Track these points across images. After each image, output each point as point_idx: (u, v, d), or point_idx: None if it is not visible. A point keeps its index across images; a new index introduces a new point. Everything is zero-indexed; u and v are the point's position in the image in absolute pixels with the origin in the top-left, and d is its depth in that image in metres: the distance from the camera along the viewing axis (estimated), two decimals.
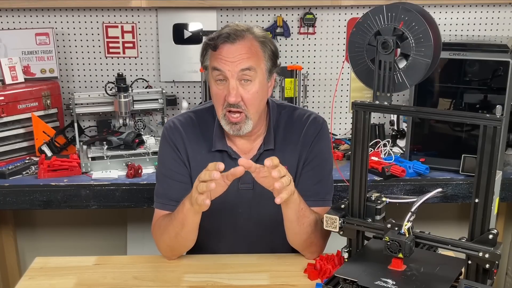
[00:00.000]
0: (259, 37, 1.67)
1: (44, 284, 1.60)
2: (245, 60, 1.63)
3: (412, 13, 1.31)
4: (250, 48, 1.64)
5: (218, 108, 1.69)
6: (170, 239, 1.68)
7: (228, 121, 1.67)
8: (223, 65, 1.63)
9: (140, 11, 2.82)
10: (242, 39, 1.64)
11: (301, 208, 1.62)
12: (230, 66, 1.62)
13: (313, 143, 1.75)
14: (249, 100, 1.65)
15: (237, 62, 1.62)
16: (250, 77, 1.64)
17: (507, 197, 2.41)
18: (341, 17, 2.86)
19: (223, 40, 1.63)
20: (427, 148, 2.52)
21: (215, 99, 1.69)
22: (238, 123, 1.66)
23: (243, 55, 1.63)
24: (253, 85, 1.65)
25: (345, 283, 1.32)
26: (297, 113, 1.80)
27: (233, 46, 1.63)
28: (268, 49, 1.68)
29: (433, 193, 1.35)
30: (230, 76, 1.63)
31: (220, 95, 1.66)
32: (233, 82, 1.63)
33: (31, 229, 3.10)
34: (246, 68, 1.63)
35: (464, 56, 2.36)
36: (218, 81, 1.66)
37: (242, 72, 1.63)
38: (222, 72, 1.63)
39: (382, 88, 1.37)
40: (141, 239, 2.91)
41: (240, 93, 1.64)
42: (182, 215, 1.61)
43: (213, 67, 1.65)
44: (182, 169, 1.75)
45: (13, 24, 2.80)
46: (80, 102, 2.69)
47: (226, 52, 1.63)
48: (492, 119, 1.24)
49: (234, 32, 1.64)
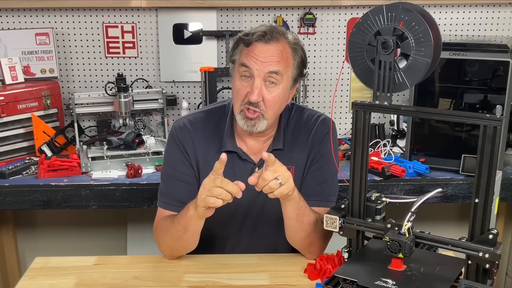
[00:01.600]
0: (292, 42, 1.67)
1: (44, 284, 1.60)
2: (275, 63, 1.63)
3: (412, 13, 1.31)
4: (282, 52, 1.64)
5: (237, 102, 1.68)
6: (172, 241, 1.68)
7: (244, 115, 1.67)
8: (252, 63, 1.62)
9: (140, 11, 2.82)
10: (277, 41, 1.64)
11: (300, 206, 1.62)
12: (259, 66, 1.62)
13: (321, 144, 1.76)
14: (269, 102, 1.65)
15: (267, 63, 1.62)
16: (276, 81, 1.65)
17: (507, 197, 2.41)
18: (341, 17, 2.86)
19: (258, 38, 1.63)
20: (427, 148, 2.52)
21: (236, 93, 1.68)
22: (254, 119, 1.66)
23: (274, 57, 1.63)
24: (276, 88, 1.65)
25: (345, 283, 1.32)
26: (306, 114, 1.81)
27: (266, 46, 1.63)
28: (298, 56, 1.69)
29: (433, 193, 1.35)
30: (256, 75, 1.63)
31: (242, 91, 1.66)
32: (258, 82, 1.63)
33: (31, 229, 3.10)
34: (274, 71, 1.63)
35: (464, 56, 2.36)
36: (243, 77, 1.65)
37: (269, 74, 1.63)
38: (250, 69, 1.63)
39: (382, 88, 1.37)
40: (141, 239, 2.91)
41: (262, 93, 1.64)
42: (185, 220, 1.61)
43: (241, 63, 1.65)
44: (189, 170, 1.76)
45: (13, 24, 2.80)
46: (80, 102, 2.68)
47: (259, 51, 1.63)
48: (492, 119, 1.24)
49: (270, 32, 1.63)
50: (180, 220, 1.63)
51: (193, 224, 1.61)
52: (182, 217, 1.62)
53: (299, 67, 1.70)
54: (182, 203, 1.68)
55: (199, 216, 1.57)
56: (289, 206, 1.61)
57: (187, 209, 1.60)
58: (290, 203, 1.60)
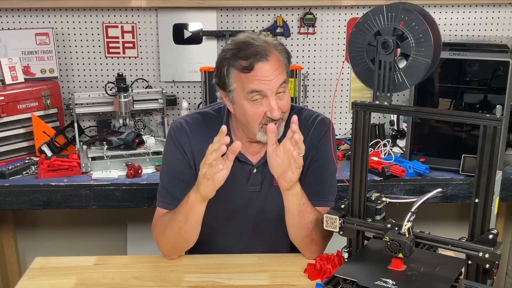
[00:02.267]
0: (277, 46, 1.66)
1: (44, 284, 1.61)
2: (280, 76, 1.63)
3: (412, 13, 1.31)
4: (279, 61, 1.64)
5: (255, 124, 1.66)
6: (173, 234, 1.67)
7: (265, 131, 1.64)
8: (264, 86, 1.61)
9: (140, 11, 2.82)
10: (271, 54, 1.63)
11: (302, 203, 1.63)
12: (270, 85, 1.61)
13: (319, 144, 1.76)
14: (285, 107, 1.67)
15: (275, 80, 1.62)
16: (285, 89, 1.66)
17: (507, 197, 2.41)
18: (341, 17, 2.86)
19: (258, 60, 1.60)
20: (427, 148, 2.52)
21: (252, 118, 1.66)
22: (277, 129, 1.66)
23: (277, 71, 1.62)
24: (286, 94, 1.67)
25: (345, 283, 1.32)
26: (305, 114, 1.81)
27: (267, 64, 1.61)
28: (285, 56, 1.68)
29: (433, 193, 1.35)
30: (270, 94, 1.62)
31: (259, 114, 1.65)
32: (273, 99, 1.63)
33: (31, 229, 3.10)
34: (282, 82, 1.64)
35: (464, 56, 2.36)
36: (255, 101, 1.64)
37: (279, 87, 1.64)
38: (262, 92, 1.62)
39: (382, 88, 1.37)
40: (141, 239, 2.91)
41: (279, 106, 1.64)
42: (186, 207, 1.61)
43: (251, 90, 1.61)
44: (187, 170, 1.76)
45: (13, 24, 2.80)
46: (80, 102, 2.68)
47: (263, 72, 1.61)
48: (492, 119, 1.24)
49: (262, 49, 1.61)
50: (180, 210, 1.64)
51: (195, 211, 1.61)
52: (183, 206, 1.63)
53: (288, 63, 1.70)
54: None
55: (202, 199, 1.57)
56: (291, 202, 1.61)
57: (188, 197, 1.61)
58: (292, 198, 1.61)
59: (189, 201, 1.60)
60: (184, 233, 1.67)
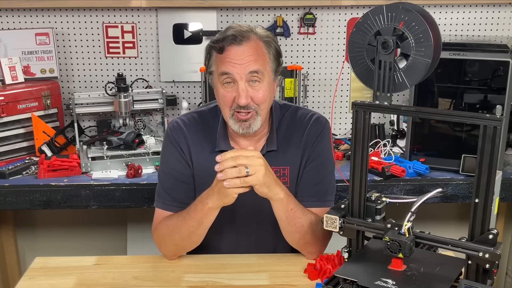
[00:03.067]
0: (263, 37, 1.66)
1: (44, 284, 1.60)
2: (253, 63, 1.62)
3: (412, 13, 1.31)
4: (256, 49, 1.63)
5: (226, 109, 1.67)
6: (182, 238, 1.66)
7: (237, 119, 1.66)
8: (231, 68, 1.61)
9: (140, 11, 2.82)
10: (248, 40, 1.62)
11: (290, 209, 1.61)
12: (239, 69, 1.61)
13: (315, 143, 1.75)
14: (259, 99, 1.65)
15: (245, 65, 1.61)
16: (259, 79, 1.64)
17: (507, 197, 2.41)
18: (341, 17, 2.86)
19: (230, 42, 1.61)
20: (427, 148, 2.52)
21: (222, 101, 1.67)
22: (248, 120, 1.65)
23: (250, 57, 1.62)
24: (261, 85, 1.65)
25: (345, 283, 1.32)
26: (300, 113, 1.80)
27: (240, 48, 1.61)
28: (272, 49, 1.67)
29: (433, 193, 1.34)
30: (239, 78, 1.62)
31: (228, 97, 1.64)
32: (242, 84, 1.62)
33: (31, 229, 3.10)
34: (254, 70, 1.62)
35: (464, 56, 2.36)
36: (226, 84, 1.64)
37: (251, 74, 1.62)
38: (231, 75, 1.62)
39: (382, 88, 1.37)
40: (141, 239, 2.91)
41: (249, 94, 1.63)
42: (201, 213, 1.60)
43: (221, 71, 1.63)
44: (186, 169, 1.75)
45: (13, 24, 2.80)
46: (80, 102, 2.68)
47: (234, 55, 1.61)
48: (492, 119, 1.24)
49: (239, 34, 1.61)
50: (193, 215, 1.62)
51: (211, 217, 1.60)
52: (197, 212, 1.61)
53: (276, 59, 1.69)
54: (182, 203, 1.68)
55: (219, 207, 1.57)
56: (277, 208, 1.61)
57: (203, 204, 1.58)
58: (277, 205, 1.60)
59: (205, 209, 1.58)
60: (194, 237, 1.66)
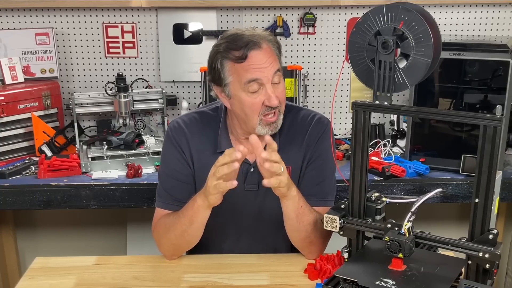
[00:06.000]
0: (268, 38, 1.67)
1: (44, 284, 1.61)
2: (274, 63, 1.64)
3: (412, 13, 1.31)
4: (271, 49, 1.66)
5: (254, 116, 1.66)
6: (176, 236, 1.67)
7: (266, 123, 1.66)
8: (259, 73, 1.61)
9: (140, 11, 2.82)
10: (262, 42, 1.63)
11: (300, 206, 1.62)
12: (265, 72, 1.62)
13: (317, 143, 1.76)
14: (282, 98, 1.68)
15: (269, 67, 1.62)
16: (279, 77, 1.66)
17: (507, 197, 2.41)
18: (341, 17, 2.86)
19: (251, 48, 1.61)
20: (427, 148, 2.52)
21: (250, 109, 1.65)
22: (276, 121, 1.68)
23: (271, 58, 1.63)
24: (281, 84, 1.68)
25: (345, 283, 1.32)
26: (302, 113, 1.80)
27: (261, 51, 1.62)
28: (276, 47, 1.69)
29: (433, 193, 1.35)
30: (266, 81, 1.62)
31: (257, 104, 1.64)
32: (270, 87, 1.63)
33: (31, 229, 3.10)
34: (277, 69, 1.65)
35: (464, 56, 2.36)
36: (252, 91, 1.63)
37: (275, 75, 1.64)
38: (259, 80, 1.62)
39: (382, 88, 1.37)
40: (141, 239, 2.91)
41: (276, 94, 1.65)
42: (192, 211, 1.61)
43: (249, 79, 1.62)
44: (186, 169, 1.76)
45: (13, 24, 2.80)
46: (80, 102, 2.68)
47: (259, 60, 1.61)
48: (492, 119, 1.24)
49: (252, 37, 1.62)
50: (185, 213, 1.63)
51: (200, 215, 1.61)
52: (188, 210, 1.62)
53: (280, 54, 1.71)
54: (182, 202, 1.68)
55: (208, 206, 1.57)
56: (289, 206, 1.61)
57: (194, 201, 1.60)
58: (289, 203, 1.60)
59: (195, 206, 1.60)
60: (187, 236, 1.66)
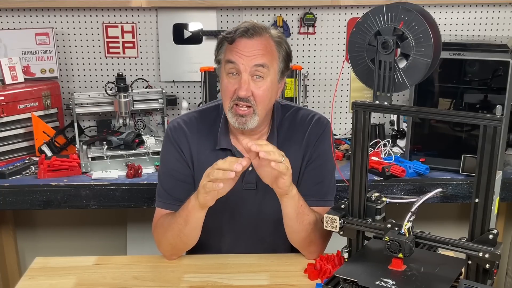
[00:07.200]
0: (275, 37, 1.68)
1: (44, 284, 1.61)
2: (260, 56, 1.63)
3: (412, 13, 1.31)
4: (266, 46, 1.65)
5: (226, 100, 1.68)
6: (173, 237, 1.67)
7: (235, 113, 1.67)
8: (237, 58, 1.63)
9: (140, 11, 2.82)
10: (260, 36, 1.65)
11: (300, 205, 1.62)
12: (245, 60, 1.63)
13: (317, 143, 1.76)
14: (259, 97, 1.65)
15: (252, 57, 1.63)
16: (263, 74, 1.65)
17: (507, 197, 2.41)
18: (341, 17, 2.86)
19: (241, 34, 1.64)
20: (427, 148, 2.52)
21: (224, 91, 1.69)
22: (245, 116, 1.66)
23: (258, 51, 1.63)
24: (264, 82, 1.66)
25: (345, 283, 1.32)
26: (301, 113, 1.80)
27: (250, 41, 1.64)
28: (283, 50, 1.69)
29: (433, 193, 1.35)
30: (243, 69, 1.63)
31: (230, 88, 1.66)
32: (245, 76, 1.63)
33: (31, 229, 3.10)
34: (260, 64, 1.64)
35: (464, 56, 2.36)
36: (230, 74, 1.66)
37: (256, 68, 1.63)
38: (236, 65, 1.63)
39: (382, 88, 1.37)
40: (141, 239, 2.91)
41: (251, 88, 1.64)
42: (186, 211, 1.61)
43: (227, 59, 1.65)
44: (185, 169, 1.76)
45: (13, 24, 2.80)
46: (80, 102, 2.68)
47: (243, 46, 1.63)
48: (492, 119, 1.24)
49: (252, 28, 1.64)
50: (181, 213, 1.64)
51: (194, 216, 1.61)
52: (184, 210, 1.63)
53: (284, 60, 1.70)
54: (181, 202, 1.68)
55: (200, 206, 1.57)
56: (289, 205, 1.61)
57: (189, 201, 1.61)
58: (289, 202, 1.60)
59: (189, 206, 1.60)
60: (184, 236, 1.67)
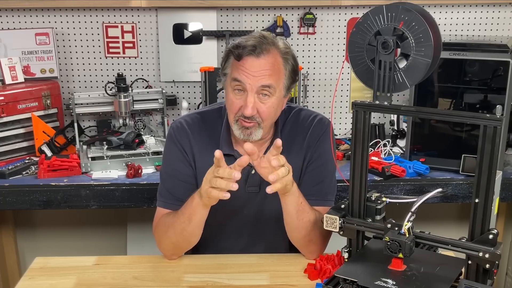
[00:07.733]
0: (283, 52, 1.65)
1: (44, 284, 1.61)
2: (267, 77, 1.62)
3: (412, 13, 1.31)
4: (273, 64, 1.63)
5: (231, 114, 1.68)
6: (176, 235, 1.67)
7: (240, 125, 1.66)
8: (244, 77, 1.61)
9: (140, 11, 2.82)
10: (267, 53, 1.62)
11: (300, 202, 1.62)
12: (252, 80, 1.61)
13: (318, 144, 1.76)
14: (264, 113, 1.65)
15: (259, 78, 1.61)
16: (269, 93, 1.64)
17: (507, 197, 2.41)
18: (341, 17, 2.86)
19: (248, 53, 1.61)
20: (427, 148, 2.52)
21: (230, 106, 1.67)
22: (250, 128, 1.66)
23: (265, 71, 1.61)
24: (270, 100, 1.65)
25: (345, 283, 1.32)
26: (303, 114, 1.80)
27: (258, 60, 1.61)
28: (289, 65, 1.67)
29: (433, 193, 1.35)
30: (249, 89, 1.62)
31: (236, 105, 1.65)
32: (251, 96, 1.62)
33: (31, 229, 3.10)
34: (266, 85, 1.62)
35: (464, 56, 2.36)
36: (236, 91, 1.64)
37: (262, 88, 1.62)
38: (242, 84, 1.62)
39: (382, 88, 1.37)
40: (141, 239, 2.91)
41: (256, 106, 1.63)
42: (190, 209, 1.61)
43: (233, 77, 1.63)
44: (188, 169, 1.76)
45: (13, 24, 2.80)
46: (80, 102, 2.68)
47: (250, 65, 1.61)
48: (492, 119, 1.24)
49: (259, 45, 1.61)
50: (184, 211, 1.64)
51: (198, 214, 1.61)
52: (187, 207, 1.62)
53: (291, 77, 1.69)
54: (183, 202, 1.68)
55: (204, 205, 1.57)
56: (289, 202, 1.61)
57: (192, 198, 1.60)
58: (289, 199, 1.60)
59: (193, 204, 1.60)
60: (187, 234, 1.66)
